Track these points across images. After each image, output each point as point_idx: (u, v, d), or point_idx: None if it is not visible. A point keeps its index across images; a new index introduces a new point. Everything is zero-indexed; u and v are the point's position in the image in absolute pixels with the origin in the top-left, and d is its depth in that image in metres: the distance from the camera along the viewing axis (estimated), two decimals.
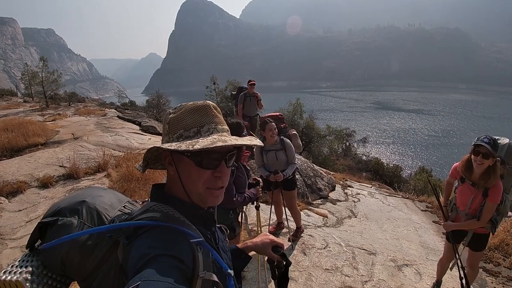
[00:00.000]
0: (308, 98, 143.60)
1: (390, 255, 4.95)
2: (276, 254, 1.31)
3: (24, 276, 0.96)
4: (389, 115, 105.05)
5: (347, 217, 6.80)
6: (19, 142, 8.59)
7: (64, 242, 0.96)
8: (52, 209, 1.08)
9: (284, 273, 1.31)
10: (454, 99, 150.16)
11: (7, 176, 6.48)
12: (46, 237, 1.03)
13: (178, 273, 0.79)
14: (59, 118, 14.03)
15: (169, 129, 1.04)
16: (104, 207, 1.10)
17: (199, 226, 1.02)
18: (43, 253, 1.02)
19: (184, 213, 1.01)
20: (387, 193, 9.25)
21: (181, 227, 0.93)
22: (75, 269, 1.02)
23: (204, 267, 0.90)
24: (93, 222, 1.05)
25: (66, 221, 1.03)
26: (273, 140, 4.68)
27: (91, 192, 1.15)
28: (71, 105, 21.18)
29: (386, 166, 19.09)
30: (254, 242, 1.36)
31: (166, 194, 1.06)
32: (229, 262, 1.14)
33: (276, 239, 1.35)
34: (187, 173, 1.01)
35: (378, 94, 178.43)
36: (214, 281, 0.89)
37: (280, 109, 21.34)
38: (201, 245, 0.93)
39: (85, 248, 1.00)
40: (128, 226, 0.95)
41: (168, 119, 1.05)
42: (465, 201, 3.40)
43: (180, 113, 1.04)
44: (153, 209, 0.99)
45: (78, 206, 1.07)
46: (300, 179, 7.86)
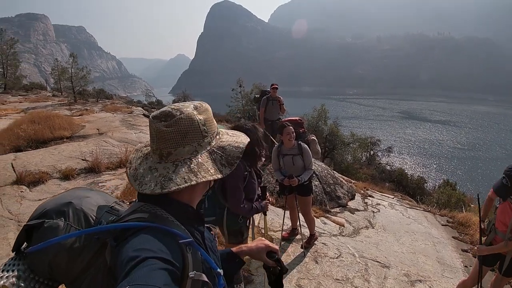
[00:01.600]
0: (334, 105, 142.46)
1: (404, 269, 4.82)
2: (270, 260, 1.29)
3: (11, 280, 0.94)
4: (415, 125, 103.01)
5: (364, 227, 6.68)
6: (45, 134, 8.83)
7: (51, 245, 0.95)
8: (38, 211, 1.06)
9: (278, 279, 1.29)
10: (481, 111, 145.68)
11: (30, 166, 6.66)
12: (33, 240, 1.01)
13: (167, 276, 0.78)
14: (86, 113, 14.39)
15: (207, 129, 1.04)
16: (91, 208, 1.08)
17: (188, 226, 1.00)
18: (29, 257, 1.00)
19: (172, 213, 0.99)
20: (408, 205, 9.04)
21: (170, 227, 0.92)
22: (62, 272, 1.00)
23: (193, 268, 0.89)
24: (80, 224, 1.03)
25: (52, 224, 1.01)
26: (291, 144, 4.64)
27: (77, 194, 1.13)
28: (98, 101, 21.68)
29: (410, 178, 18.73)
30: (249, 246, 1.34)
31: (154, 194, 1.03)
32: (217, 262, 1.12)
33: (271, 244, 1.32)
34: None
35: (405, 103, 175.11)
36: (204, 281, 0.88)
37: (304, 115, 21.28)
38: (190, 245, 0.92)
39: (72, 250, 0.99)
40: (116, 228, 0.94)
41: (203, 121, 1.03)
42: (506, 221, 3.13)
43: (209, 113, 1.08)
44: (141, 210, 0.97)
45: (64, 208, 1.05)
46: (318, 186, 7.78)
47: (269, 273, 1.31)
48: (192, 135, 1.00)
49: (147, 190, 0.95)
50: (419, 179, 18.83)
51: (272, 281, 1.30)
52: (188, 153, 1.00)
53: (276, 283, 1.29)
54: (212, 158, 1.02)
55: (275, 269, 1.29)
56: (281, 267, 1.29)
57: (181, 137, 0.98)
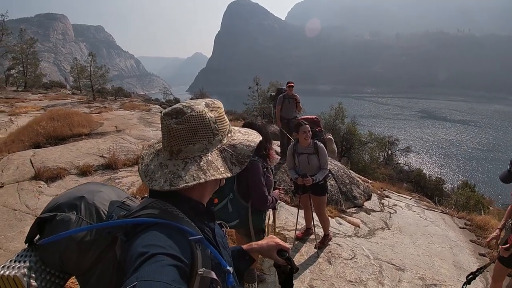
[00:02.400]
0: (352, 103, 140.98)
1: (419, 273, 4.74)
2: (281, 258, 1.28)
3: (22, 271, 0.97)
4: (434, 125, 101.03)
5: (380, 228, 6.60)
6: (64, 132, 9.01)
7: (62, 238, 0.97)
8: (51, 204, 1.08)
9: (288, 278, 1.28)
10: (502, 110, 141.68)
11: (48, 162, 6.81)
12: (45, 232, 1.03)
13: (176, 272, 0.78)
14: (105, 111, 14.62)
15: (218, 127, 1.04)
16: (103, 203, 1.10)
17: (198, 223, 1.01)
18: (41, 249, 1.03)
19: (183, 210, 0.99)
20: (426, 206, 8.90)
21: (180, 224, 0.92)
22: (73, 264, 1.02)
23: (202, 264, 0.89)
24: (91, 218, 1.05)
25: (64, 217, 1.03)
26: (306, 143, 4.61)
27: (90, 188, 1.15)
28: (117, 99, 22.00)
29: (428, 178, 18.43)
30: (259, 244, 1.33)
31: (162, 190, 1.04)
32: (229, 259, 1.12)
33: (282, 242, 1.31)
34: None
35: (424, 102, 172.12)
36: (213, 278, 0.88)
37: (321, 113, 21.16)
38: (199, 242, 0.92)
39: (83, 244, 1.01)
40: (126, 223, 0.95)
41: (214, 119, 1.03)
42: None
43: (221, 111, 1.07)
44: (151, 206, 0.98)
45: (76, 202, 1.07)
46: (334, 185, 7.73)
47: (280, 272, 1.30)
48: (202, 132, 1.00)
49: (156, 187, 0.96)
50: (438, 180, 18.52)
51: (282, 280, 1.29)
52: (198, 151, 1.00)
53: (286, 282, 1.28)
54: (222, 156, 1.02)
55: (285, 268, 1.28)
56: (292, 266, 1.28)
57: (192, 134, 0.99)
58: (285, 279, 1.28)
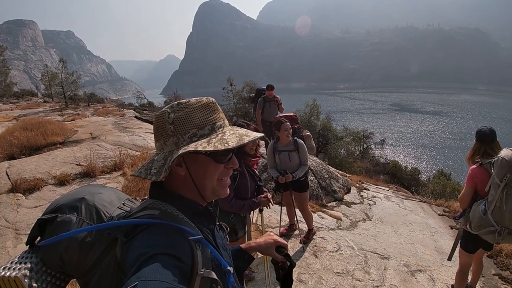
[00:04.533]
0: (326, 100, 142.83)
1: (403, 260, 4.86)
2: (279, 255, 1.29)
3: (23, 272, 0.96)
4: (406, 117, 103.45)
5: (361, 220, 6.72)
6: (38, 141, 8.75)
7: (63, 239, 0.98)
8: (51, 206, 1.09)
9: (288, 274, 1.29)
10: (473, 100, 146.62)
11: (25, 174, 6.61)
12: (46, 234, 1.04)
13: (177, 272, 0.79)
14: (78, 118, 14.28)
15: (175, 129, 0.99)
16: (103, 204, 1.11)
17: (198, 224, 1.02)
18: (42, 250, 1.03)
19: (183, 210, 1.00)
20: (404, 196, 9.11)
21: (180, 224, 0.93)
22: (73, 266, 1.02)
23: (202, 265, 0.89)
24: (92, 219, 1.06)
25: (65, 218, 1.03)
26: (288, 140, 4.63)
27: (90, 189, 1.16)
28: (90, 105, 21.53)
29: (404, 169, 18.82)
30: (257, 242, 1.34)
31: (165, 191, 1.05)
32: (229, 259, 1.13)
33: (280, 239, 1.33)
34: (203, 170, 1.02)
35: (396, 96, 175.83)
36: (213, 278, 0.88)
37: (296, 111, 21.26)
38: (199, 243, 0.93)
39: (83, 245, 1.01)
40: (127, 224, 0.95)
41: (171, 119, 1.00)
42: None
43: (187, 112, 1.00)
44: (151, 207, 0.98)
45: (77, 203, 1.08)
46: (314, 181, 7.81)
47: (278, 268, 1.30)
48: (159, 132, 1.03)
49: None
50: (414, 170, 18.91)
51: (280, 277, 1.30)
52: (158, 149, 1.04)
53: (286, 278, 1.29)
54: (164, 158, 0.99)
55: (284, 264, 1.29)
56: (290, 262, 1.29)
57: (155, 132, 1.04)
58: (284, 275, 1.29)
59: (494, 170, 3.12)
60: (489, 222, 3.14)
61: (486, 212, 3.16)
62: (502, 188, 3.03)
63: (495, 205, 3.09)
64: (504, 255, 5.21)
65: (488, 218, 3.14)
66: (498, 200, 3.07)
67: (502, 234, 3.11)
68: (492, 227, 3.14)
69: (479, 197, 3.34)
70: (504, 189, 3.03)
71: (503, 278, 4.68)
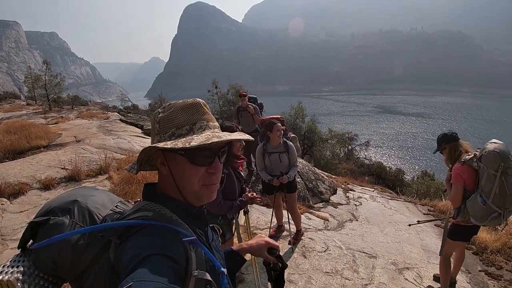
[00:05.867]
0: (311, 102, 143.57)
1: (391, 259, 4.93)
2: (271, 256, 1.29)
3: (16, 276, 0.94)
4: (389, 119, 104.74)
5: (348, 220, 6.78)
6: (21, 145, 8.61)
7: (56, 241, 0.96)
8: (44, 209, 1.07)
9: (280, 276, 1.29)
10: (455, 102, 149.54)
11: (9, 178, 6.48)
12: (38, 237, 1.02)
13: (171, 273, 0.79)
14: (62, 121, 14.09)
15: (160, 128, 1.02)
16: (96, 207, 1.09)
17: (192, 225, 1.02)
18: (34, 253, 1.00)
19: (176, 212, 1.00)
20: (389, 196, 9.23)
21: (174, 226, 0.93)
22: (66, 269, 1.01)
23: (197, 266, 0.89)
24: (84, 221, 1.05)
25: (57, 221, 1.02)
26: (279, 141, 4.62)
27: (83, 192, 1.15)
28: (74, 108, 21.25)
29: (389, 170, 19.06)
30: (249, 244, 1.35)
31: (158, 193, 1.05)
32: (222, 261, 1.13)
33: (271, 241, 1.33)
34: (181, 171, 1.00)
35: (380, 98, 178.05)
36: (207, 279, 0.88)
37: (282, 113, 21.35)
38: (193, 244, 0.92)
39: (76, 247, 1.00)
40: (120, 226, 0.94)
41: (158, 119, 1.03)
42: None
43: (171, 111, 1.02)
44: (145, 208, 0.98)
45: (69, 206, 1.06)
46: (301, 183, 7.85)
47: (269, 270, 1.30)
48: (152, 131, 1.08)
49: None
50: (398, 171, 19.17)
51: (272, 278, 1.29)
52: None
53: (277, 280, 1.29)
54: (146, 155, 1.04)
55: (275, 266, 1.29)
56: (282, 263, 1.29)
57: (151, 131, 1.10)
58: (276, 277, 1.29)
59: (484, 163, 3.36)
60: (492, 209, 3.36)
61: (486, 202, 3.38)
62: (499, 177, 3.30)
63: (495, 192, 3.33)
64: (490, 252, 5.34)
65: (489, 206, 3.36)
66: (497, 187, 3.32)
67: (505, 215, 3.39)
68: (495, 213, 3.37)
69: (467, 193, 3.53)
70: (501, 177, 3.30)
71: (489, 274, 4.80)
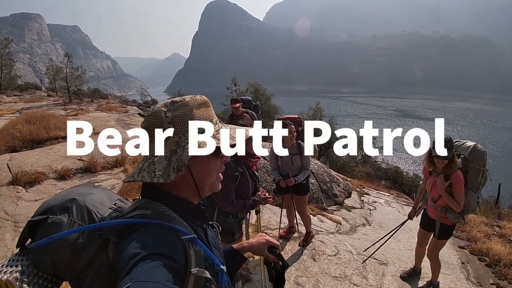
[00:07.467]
0: (329, 103, 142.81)
1: (402, 266, 4.84)
2: (272, 255, 1.29)
3: (14, 275, 0.94)
4: (408, 123, 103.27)
5: (361, 224, 6.70)
6: (40, 135, 8.78)
7: (54, 240, 0.95)
8: (42, 208, 1.06)
9: (280, 275, 1.28)
10: (475, 109, 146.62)
11: (26, 167, 6.63)
12: (36, 236, 1.01)
13: (170, 272, 0.78)
14: (81, 113, 14.33)
15: (177, 129, 0.98)
16: (94, 205, 1.08)
17: (191, 223, 1.00)
18: (33, 252, 1.00)
19: (175, 210, 0.99)
20: (404, 202, 9.08)
21: (172, 224, 0.91)
22: (65, 267, 1.00)
23: (196, 264, 0.88)
24: (83, 220, 1.03)
25: (56, 219, 1.01)
26: (291, 143, 4.56)
27: (81, 190, 1.13)
28: (93, 101, 21.57)
29: (406, 175, 18.79)
30: (250, 242, 1.35)
31: (157, 190, 1.03)
32: (221, 259, 1.12)
33: (272, 239, 1.33)
34: (206, 167, 1.04)
35: (400, 101, 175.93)
36: (207, 277, 0.87)
37: (299, 113, 21.26)
38: (192, 242, 0.91)
39: (75, 246, 0.99)
40: (119, 224, 0.94)
41: (170, 118, 0.99)
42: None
43: (187, 110, 1.00)
44: (143, 206, 0.97)
45: (68, 204, 1.05)
46: (315, 184, 7.79)
47: (270, 269, 1.29)
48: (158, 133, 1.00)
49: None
50: (415, 176, 18.90)
51: (273, 277, 1.29)
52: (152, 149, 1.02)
53: (278, 279, 1.28)
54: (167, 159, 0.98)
55: (276, 265, 1.28)
56: (283, 262, 1.28)
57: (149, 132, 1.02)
58: (277, 276, 1.28)
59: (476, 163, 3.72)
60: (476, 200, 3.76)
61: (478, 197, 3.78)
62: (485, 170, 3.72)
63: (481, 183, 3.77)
64: (503, 265, 5.18)
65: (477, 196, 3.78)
66: (483, 180, 3.75)
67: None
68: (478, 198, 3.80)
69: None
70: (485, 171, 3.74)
71: (501, 287, 4.66)
